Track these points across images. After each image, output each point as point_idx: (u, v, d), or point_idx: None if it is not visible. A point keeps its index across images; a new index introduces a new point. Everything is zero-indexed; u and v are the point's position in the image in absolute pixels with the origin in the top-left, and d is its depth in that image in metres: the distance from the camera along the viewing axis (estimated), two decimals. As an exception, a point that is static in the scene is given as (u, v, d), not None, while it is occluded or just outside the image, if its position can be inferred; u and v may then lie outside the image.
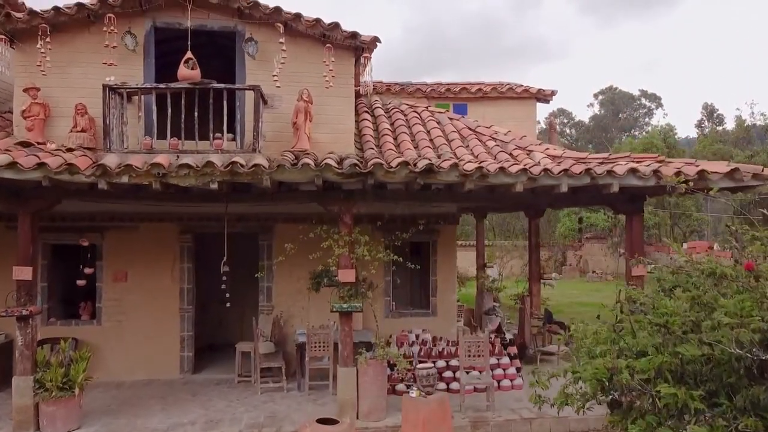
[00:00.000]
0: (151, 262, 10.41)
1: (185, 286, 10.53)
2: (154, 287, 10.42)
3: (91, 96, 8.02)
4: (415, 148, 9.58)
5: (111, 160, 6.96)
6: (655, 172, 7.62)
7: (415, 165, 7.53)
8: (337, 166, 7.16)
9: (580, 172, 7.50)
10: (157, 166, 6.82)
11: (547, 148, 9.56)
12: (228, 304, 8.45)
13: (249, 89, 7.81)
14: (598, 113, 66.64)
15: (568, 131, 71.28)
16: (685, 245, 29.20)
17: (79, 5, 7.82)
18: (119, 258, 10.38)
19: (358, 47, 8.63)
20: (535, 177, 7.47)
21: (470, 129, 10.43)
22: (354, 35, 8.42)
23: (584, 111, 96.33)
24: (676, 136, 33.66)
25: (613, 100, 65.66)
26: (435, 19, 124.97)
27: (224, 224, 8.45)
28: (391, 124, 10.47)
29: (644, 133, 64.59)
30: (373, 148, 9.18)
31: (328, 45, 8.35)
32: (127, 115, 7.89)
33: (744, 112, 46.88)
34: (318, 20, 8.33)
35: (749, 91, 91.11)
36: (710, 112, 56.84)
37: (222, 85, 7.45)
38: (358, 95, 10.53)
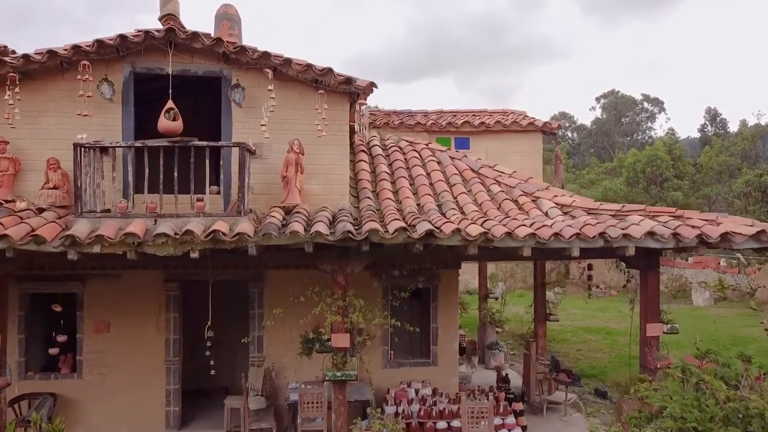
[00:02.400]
0: (134, 312, 9.81)
1: (171, 337, 9.93)
2: (139, 338, 9.83)
3: (65, 148, 7.42)
4: (414, 194, 9.03)
5: (81, 228, 6.37)
6: (675, 234, 7.03)
7: (414, 228, 6.95)
8: (328, 233, 6.57)
9: (594, 236, 6.91)
10: (131, 235, 6.23)
11: (555, 195, 8.97)
12: (213, 372, 7.87)
13: (234, 146, 7.21)
14: (600, 117, 65.94)
15: (569, 135, 70.71)
16: (690, 259, 28.64)
17: (51, 53, 7.23)
18: (101, 307, 9.77)
19: (353, 92, 8.04)
20: (544, 242, 6.87)
21: (473, 170, 9.84)
22: (348, 80, 7.83)
23: (586, 114, 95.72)
24: (678, 143, 33.07)
25: (616, 105, 64.97)
26: (438, 19, 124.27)
27: (211, 274, 7.89)
28: (389, 165, 9.90)
29: (647, 137, 64.13)
30: (369, 197, 8.61)
31: (320, 91, 7.78)
32: (104, 168, 7.30)
33: (750, 120, 46.13)
34: (309, 65, 7.74)
35: (750, 91, 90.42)
36: (713, 116, 56.24)
37: (204, 143, 6.86)
38: (353, 131, 9.94)
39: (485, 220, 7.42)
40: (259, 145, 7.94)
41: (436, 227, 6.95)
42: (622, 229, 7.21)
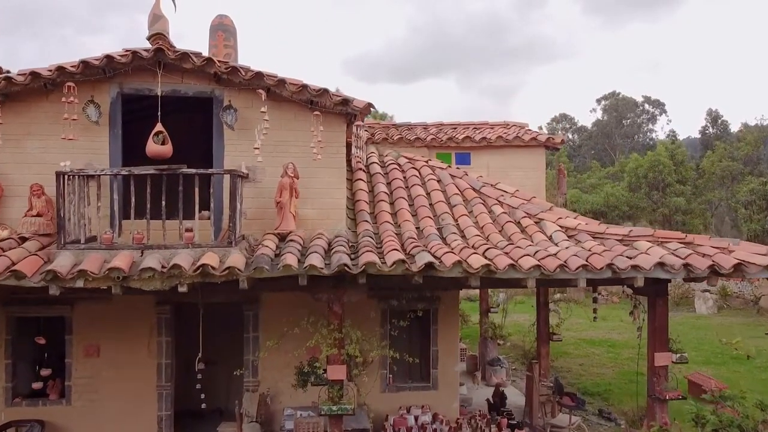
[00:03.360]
0: (125, 336, 9.49)
1: (163, 362, 9.62)
2: (129, 363, 9.51)
3: (50, 172, 7.07)
4: (413, 216, 8.73)
5: (64, 262, 6.06)
6: (686, 265, 6.72)
7: (412, 258, 6.65)
8: (322, 266, 6.26)
9: (602, 267, 6.60)
10: (116, 270, 5.93)
11: (560, 218, 8.66)
12: (204, 405, 7.56)
13: (224, 173, 6.90)
14: (601, 119, 65.63)
15: (570, 137, 70.54)
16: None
17: (34, 74, 6.92)
18: (91, 331, 9.46)
19: (349, 113, 7.73)
20: (549, 273, 6.56)
21: (474, 190, 9.53)
22: (345, 101, 7.52)
23: (587, 116, 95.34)
24: (680, 148, 32.74)
25: (617, 107, 64.66)
26: (440, 19, 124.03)
27: (202, 301, 7.58)
28: (388, 185, 9.59)
29: (648, 140, 63.78)
30: (367, 221, 8.32)
31: (316, 112, 7.47)
32: (90, 194, 6.98)
33: (751, 123, 45.80)
34: (305, 86, 7.43)
35: (751, 91, 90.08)
36: (714, 118, 55.96)
37: (193, 171, 6.54)
38: (350, 147, 9.63)
39: (487, 248, 7.12)
40: (252, 169, 7.64)
41: (436, 257, 6.65)
42: (631, 258, 6.91)
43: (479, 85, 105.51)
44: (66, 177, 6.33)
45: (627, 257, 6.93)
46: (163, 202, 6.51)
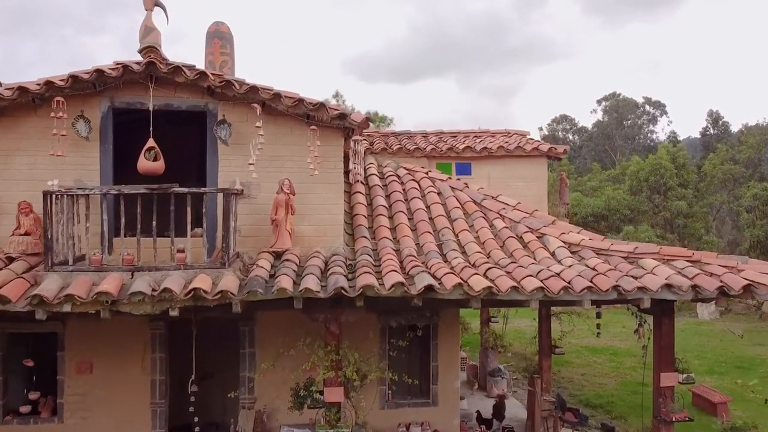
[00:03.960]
0: (119, 352, 9.27)
1: (157, 378, 9.40)
2: (123, 379, 9.30)
3: (38, 189, 6.83)
4: (413, 230, 8.53)
5: (50, 286, 5.86)
6: (694, 287, 6.51)
7: (411, 279, 6.45)
8: (318, 289, 6.06)
9: (607, 289, 6.39)
10: (104, 294, 5.72)
11: (563, 233, 8.45)
12: (197, 429, 7.36)
13: (217, 192, 6.69)
14: (602, 120, 65.41)
15: (570, 138, 70.36)
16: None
17: (21, 89, 6.71)
18: (83, 347, 9.24)
19: (347, 127, 7.53)
20: (553, 295, 6.36)
21: (475, 203, 9.33)
22: (342, 116, 7.32)
23: (587, 116, 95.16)
24: (682, 151, 32.49)
25: (617, 108, 64.44)
26: (440, 19, 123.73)
27: (196, 322, 7.39)
28: (387, 197, 9.39)
29: (648, 141, 63.52)
30: (365, 236, 8.11)
31: (313, 126, 7.26)
32: (80, 211, 6.77)
33: (751, 122, 45.71)
34: (301, 100, 7.23)
35: (752, 91, 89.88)
36: (715, 119, 55.79)
37: (185, 190, 6.33)
38: (348, 158, 9.41)
39: (489, 268, 6.91)
40: (247, 184, 7.44)
41: (436, 278, 6.46)
42: (637, 278, 6.71)
43: (479, 85, 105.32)
44: (53, 196, 6.12)
45: (633, 277, 6.73)
46: (154, 223, 6.30)
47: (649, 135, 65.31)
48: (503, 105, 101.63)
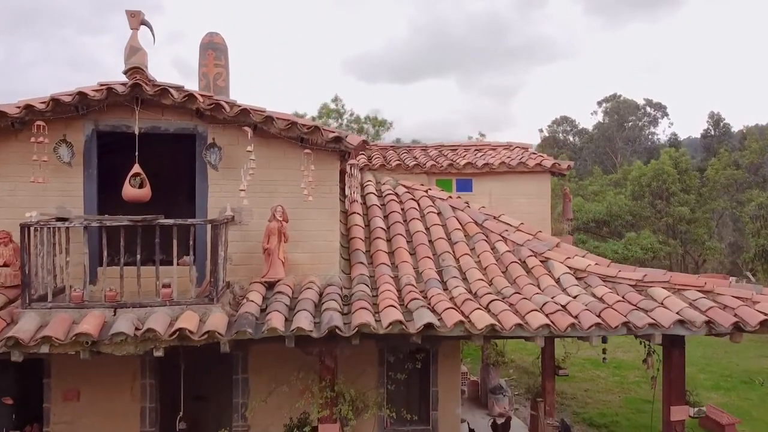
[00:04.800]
0: (107, 379, 8.91)
1: (147, 405, 9.07)
2: (111, 407, 8.96)
3: (19, 217, 6.53)
4: (412, 254, 8.20)
5: (27, 326, 5.52)
6: (708, 322, 6.18)
7: (410, 313, 6.12)
8: (311, 328, 5.73)
9: (617, 326, 6.06)
10: (84, 335, 5.39)
11: (568, 257, 8.11)
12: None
13: (205, 223, 6.35)
14: (602, 121, 65.12)
15: (571, 139, 70.02)
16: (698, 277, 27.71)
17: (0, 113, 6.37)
18: (70, 374, 8.89)
19: (343, 151, 7.20)
20: (560, 332, 6.02)
21: (477, 224, 8.99)
22: (338, 139, 6.98)
23: (588, 118, 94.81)
24: (684, 156, 32.14)
25: (618, 109, 64.12)
26: (440, 19, 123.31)
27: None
28: (385, 218, 9.06)
29: (649, 143, 63.15)
30: (362, 262, 7.79)
31: (307, 150, 6.94)
32: (62, 240, 6.42)
33: (751, 122, 45.40)
34: (294, 123, 6.90)
35: (753, 91, 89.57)
36: (716, 121, 55.53)
37: (170, 222, 6.00)
38: (343, 174, 9.07)
39: (492, 300, 6.58)
40: (238, 210, 7.11)
41: (436, 313, 6.13)
42: (648, 311, 6.39)
43: (479, 85, 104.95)
44: (31, 229, 5.78)
45: (643, 310, 6.40)
46: (138, 256, 5.96)
47: (650, 137, 65.04)
48: (503, 105, 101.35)
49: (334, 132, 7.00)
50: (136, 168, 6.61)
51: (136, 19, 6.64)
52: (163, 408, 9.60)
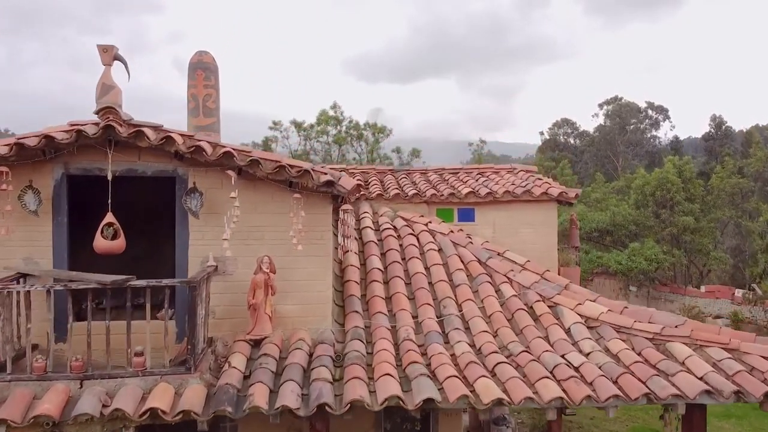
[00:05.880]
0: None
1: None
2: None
3: (-19, 270, 6.03)
4: (411, 299, 7.63)
5: (-18, 403, 4.95)
6: (737, 393, 5.61)
7: (409, 383, 5.56)
8: (297, 405, 5.16)
9: (637, 398, 5.50)
10: (43, 417, 4.82)
11: (579, 303, 7.54)
12: None
13: (181, 284, 5.78)
14: (604, 124, 64.61)
15: (572, 141, 69.60)
16: (703, 288, 27.20)
17: (-43, 160, 5.79)
18: None
19: (335, 195, 6.62)
20: (572, 404, 5.46)
21: (480, 262, 8.42)
22: (330, 183, 6.40)
23: (589, 120, 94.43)
24: (688, 164, 31.59)
25: (619, 112, 63.55)
26: (440, 19, 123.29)
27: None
28: (383, 256, 8.49)
29: (651, 146, 62.59)
30: (357, 311, 7.23)
31: (296, 195, 6.37)
32: (29, 297, 5.84)
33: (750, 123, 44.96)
34: (282, 166, 6.31)
35: (754, 91, 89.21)
36: (718, 124, 55.14)
37: (143, 283, 5.42)
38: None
39: (498, 362, 6.02)
40: (221, 260, 6.53)
41: (437, 380, 5.57)
42: (670, 375, 5.84)
43: (479, 85, 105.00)
44: (-13, 293, 5.21)
45: (665, 374, 5.84)
46: (108, 323, 5.39)
47: (651, 141, 64.58)
48: (503, 105, 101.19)
49: (326, 174, 6.42)
50: (109, 217, 6.03)
51: (109, 55, 6.06)
52: None
